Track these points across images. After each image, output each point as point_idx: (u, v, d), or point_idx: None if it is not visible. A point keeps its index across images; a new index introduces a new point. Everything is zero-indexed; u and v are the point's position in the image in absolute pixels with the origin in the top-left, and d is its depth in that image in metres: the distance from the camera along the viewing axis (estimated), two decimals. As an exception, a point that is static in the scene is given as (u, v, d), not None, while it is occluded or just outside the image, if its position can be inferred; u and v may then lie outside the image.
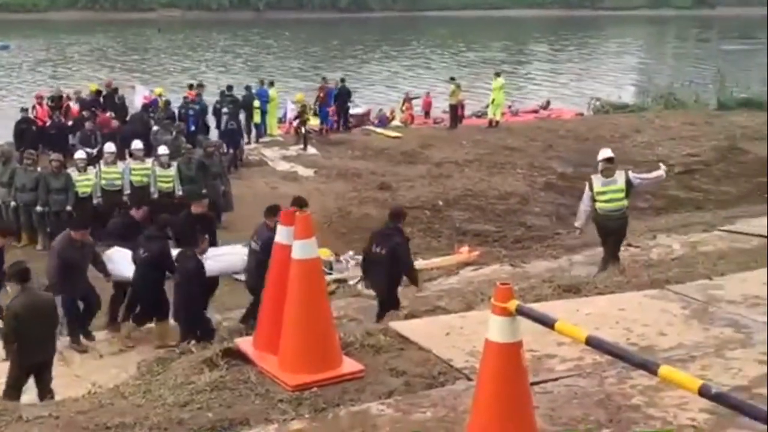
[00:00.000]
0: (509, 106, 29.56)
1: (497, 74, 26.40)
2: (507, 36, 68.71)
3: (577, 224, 11.33)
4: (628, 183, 10.63)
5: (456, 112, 25.50)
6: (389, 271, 9.86)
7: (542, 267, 11.98)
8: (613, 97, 32.36)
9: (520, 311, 3.53)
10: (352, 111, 26.22)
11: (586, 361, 4.81)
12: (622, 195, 10.60)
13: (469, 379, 4.61)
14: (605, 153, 10.98)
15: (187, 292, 9.76)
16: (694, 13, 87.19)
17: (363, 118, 27.15)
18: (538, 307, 5.04)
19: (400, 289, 9.83)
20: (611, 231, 10.69)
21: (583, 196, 10.86)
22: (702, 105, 28.60)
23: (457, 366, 4.87)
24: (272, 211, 10.02)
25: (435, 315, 5.89)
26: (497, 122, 24.99)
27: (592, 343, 3.28)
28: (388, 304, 9.39)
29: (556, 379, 4.62)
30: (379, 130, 24.83)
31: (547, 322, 3.50)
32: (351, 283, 13.08)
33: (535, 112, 31.05)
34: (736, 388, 4.33)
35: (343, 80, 25.91)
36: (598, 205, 10.60)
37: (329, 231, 15.60)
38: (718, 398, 2.67)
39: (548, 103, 33.09)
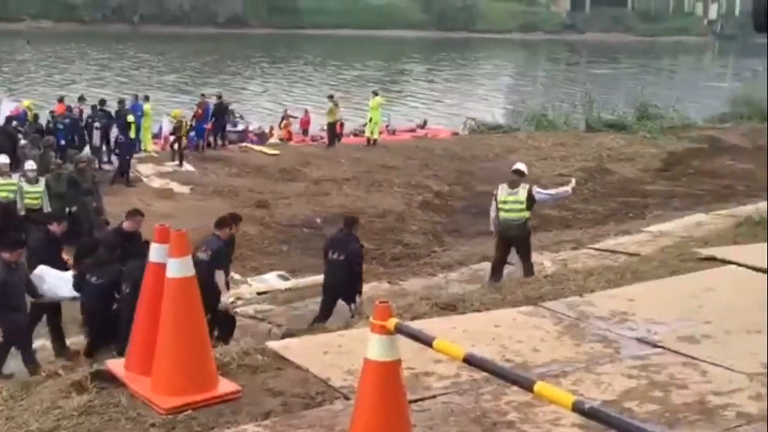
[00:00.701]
0: (386, 125, 29.82)
1: (375, 93, 26.64)
2: (384, 56, 69.44)
3: (491, 228, 11.80)
4: (530, 197, 11.20)
5: (334, 130, 25.56)
6: (348, 276, 10.49)
7: (419, 285, 12.10)
8: (487, 117, 33.11)
9: (399, 329, 3.53)
10: (230, 128, 25.94)
11: (463, 378, 4.86)
12: (522, 206, 11.17)
13: (347, 399, 4.58)
14: (516, 165, 11.74)
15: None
16: (563, 37, 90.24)
17: (241, 135, 26.90)
18: (416, 324, 5.08)
19: None
20: (510, 239, 11.29)
21: (492, 204, 11.55)
22: (571, 126, 29.58)
23: (335, 385, 4.83)
24: (222, 222, 10.36)
25: (313, 333, 5.84)
26: (375, 141, 25.19)
27: (470, 360, 3.31)
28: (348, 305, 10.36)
29: (433, 397, 4.65)
30: (257, 147, 24.63)
31: (426, 340, 3.51)
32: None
33: (412, 131, 31.43)
34: (606, 402, 4.45)
35: (220, 96, 25.61)
36: (500, 213, 11.24)
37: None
38: (591, 413, 2.73)
39: (425, 122, 33.56)
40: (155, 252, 4.93)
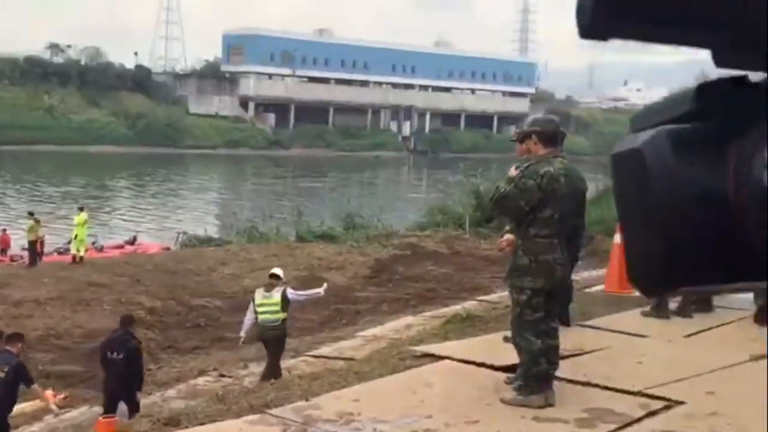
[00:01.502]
0: (93, 243, 28.73)
1: (80, 209, 25.69)
2: (88, 172, 67.25)
3: (241, 334, 12.63)
4: (284, 298, 12.09)
5: (35, 249, 24.21)
6: (128, 373, 10.87)
7: (151, 399, 11.58)
8: (199, 231, 32.87)
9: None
10: None
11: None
12: (277, 308, 12.03)
13: None
14: (273, 270, 12.94)
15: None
16: (269, 153, 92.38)
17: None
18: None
19: None
20: (268, 340, 12.00)
21: (249, 309, 12.36)
22: (283, 238, 30.02)
23: None
24: (14, 337, 10.90)
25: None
26: (81, 258, 24.11)
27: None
28: (129, 405, 10.60)
29: None
30: (-53, 269, 22.72)
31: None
32: None
33: (121, 247, 30.51)
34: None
35: None
36: (258, 316, 12.05)
37: None
38: None
39: (135, 238, 32.73)
40: None
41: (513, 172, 6.65)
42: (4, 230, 30.00)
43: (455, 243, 26.42)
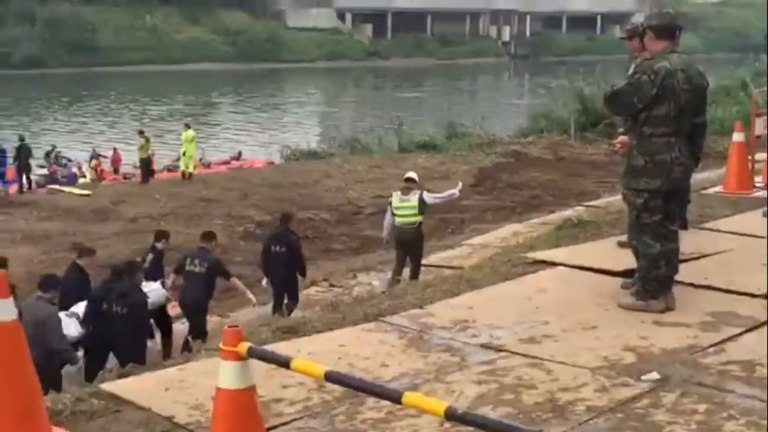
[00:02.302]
0: (200, 159, 29.32)
1: (187, 126, 26.14)
2: (191, 90, 68.34)
3: (383, 235, 13.17)
4: (421, 201, 12.40)
5: (147, 167, 24.86)
6: (291, 264, 12.35)
7: (252, 314, 11.91)
8: (302, 144, 33.17)
9: (253, 354, 3.37)
10: (38, 171, 24.77)
11: (314, 401, 4.73)
12: (415, 211, 12.37)
13: (195, 435, 4.35)
14: (408, 174, 13.11)
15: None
16: (367, 64, 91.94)
17: (48, 177, 25.71)
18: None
19: None
20: (404, 243, 12.44)
21: (387, 212, 12.80)
22: (385, 149, 30.04)
23: (180, 422, 4.58)
24: (208, 236, 11.93)
25: (151, 370, 5.54)
26: (191, 174, 24.66)
27: (331, 377, 3.19)
28: (291, 294, 12.29)
29: (287, 423, 4.49)
30: (66, 188, 23.59)
31: (283, 362, 3.36)
32: None
33: (227, 163, 31.08)
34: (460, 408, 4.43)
35: (22, 138, 24.34)
36: (396, 219, 12.45)
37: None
38: (464, 419, 2.68)
39: (240, 153, 33.27)
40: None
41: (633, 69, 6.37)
42: (115, 149, 30.88)
43: (560, 149, 25.95)
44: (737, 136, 10.54)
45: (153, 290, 10.59)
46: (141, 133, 26.82)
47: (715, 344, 5.33)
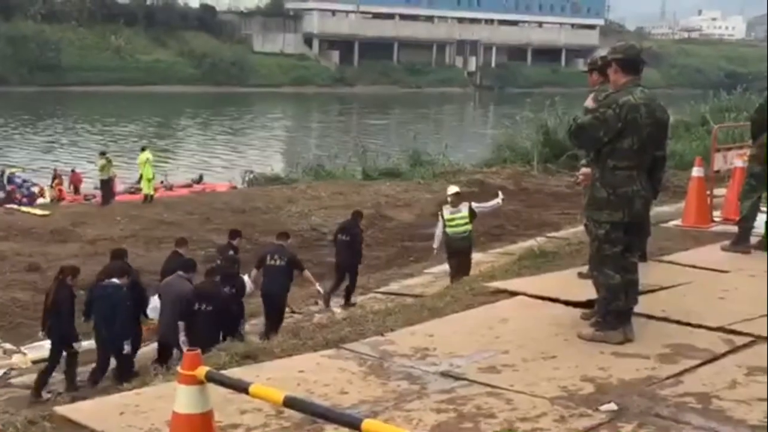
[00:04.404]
0: (161, 182, 29.11)
1: (143, 149, 25.98)
2: (155, 111, 67.98)
3: (434, 246, 14.11)
4: (471, 212, 13.66)
5: (108, 188, 24.63)
6: (351, 253, 14.75)
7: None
8: (266, 169, 33.05)
9: (211, 378, 3.33)
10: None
11: (272, 428, 4.68)
12: (467, 220, 13.57)
13: (151, 460, 4.28)
14: (452, 189, 14.16)
15: None
16: (334, 90, 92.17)
17: (6, 197, 25.35)
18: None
19: None
20: (457, 250, 13.53)
21: (437, 224, 13.86)
22: (349, 175, 30.03)
23: (135, 448, 4.51)
24: (284, 235, 13.92)
25: (106, 394, 5.45)
26: (151, 197, 24.46)
27: (290, 403, 3.16)
28: (351, 277, 14.88)
29: (243, 450, 4.44)
30: (24, 208, 23.26)
31: (241, 387, 3.32)
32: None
33: (190, 186, 30.88)
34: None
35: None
36: (448, 230, 13.50)
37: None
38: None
39: (201, 177, 33.08)
40: None
41: (590, 102, 6.44)
42: (74, 169, 30.57)
43: (523, 179, 26.12)
44: (697, 171, 10.69)
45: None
46: (103, 154, 26.58)
47: (672, 376, 5.37)
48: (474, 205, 13.94)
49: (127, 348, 10.62)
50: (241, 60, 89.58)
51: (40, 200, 26.13)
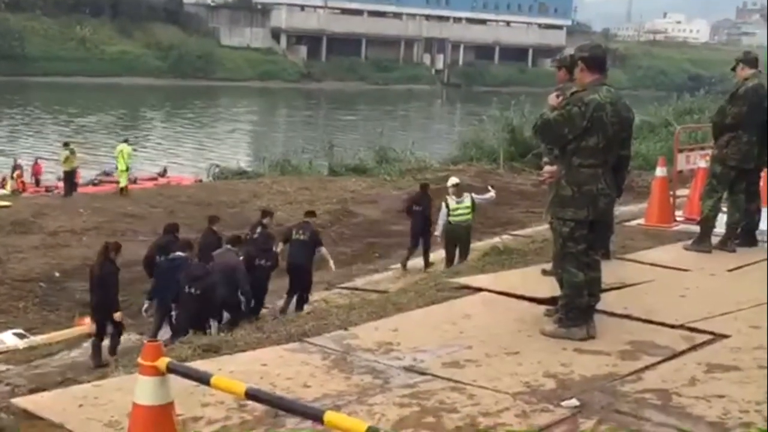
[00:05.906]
0: (127, 174, 28.80)
1: (125, 140, 25.73)
2: (120, 103, 67.32)
3: (436, 233, 15.06)
4: (473, 202, 14.93)
5: (71, 179, 24.35)
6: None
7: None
8: (231, 163, 32.87)
9: (172, 369, 3.30)
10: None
11: (234, 421, 4.65)
12: (469, 210, 14.80)
13: (110, 452, 4.24)
14: (452, 180, 15.32)
15: None
16: (301, 86, 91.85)
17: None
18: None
19: None
20: (458, 238, 14.65)
21: (440, 213, 14.86)
22: (315, 171, 29.96)
23: (95, 440, 4.46)
24: (311, 213, 15.12)
25: (66, 386, 5.39)
26: (125, 189, 24.30)
27: (252, 395, 3.14)
28: (425, 241, 15.84)
29: (204, 443, 4.41)
30: (-17, 199, 22.96)
31: (203, 379, 3.30)
32: None
33: (154, 179, 30.64)
34: None
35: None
36: (451, 218, 14.59)
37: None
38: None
39: (165, 170, 32.83)
40: None
41: (554, 99, 6.47)
42: (36, 160, 30.21)
43: (489, 177, 26.17)
44: (660, 171, 10.78)
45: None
46: (66, 145, 26.25)
47: (633, 372, 5.41)
48: (475, 196, 15.32)
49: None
50: (207, 53, 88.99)
51: (0, 191, 25.75)
